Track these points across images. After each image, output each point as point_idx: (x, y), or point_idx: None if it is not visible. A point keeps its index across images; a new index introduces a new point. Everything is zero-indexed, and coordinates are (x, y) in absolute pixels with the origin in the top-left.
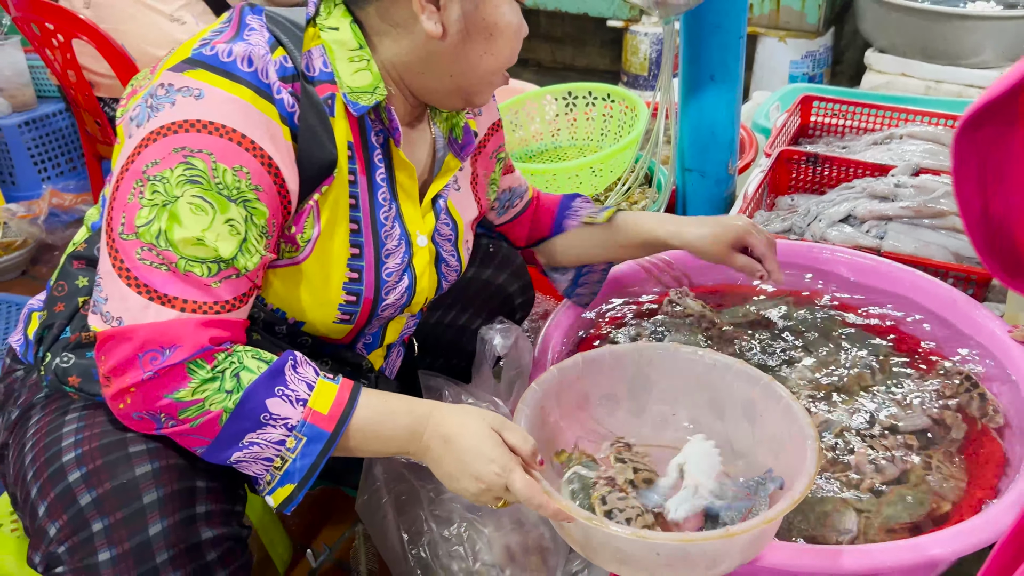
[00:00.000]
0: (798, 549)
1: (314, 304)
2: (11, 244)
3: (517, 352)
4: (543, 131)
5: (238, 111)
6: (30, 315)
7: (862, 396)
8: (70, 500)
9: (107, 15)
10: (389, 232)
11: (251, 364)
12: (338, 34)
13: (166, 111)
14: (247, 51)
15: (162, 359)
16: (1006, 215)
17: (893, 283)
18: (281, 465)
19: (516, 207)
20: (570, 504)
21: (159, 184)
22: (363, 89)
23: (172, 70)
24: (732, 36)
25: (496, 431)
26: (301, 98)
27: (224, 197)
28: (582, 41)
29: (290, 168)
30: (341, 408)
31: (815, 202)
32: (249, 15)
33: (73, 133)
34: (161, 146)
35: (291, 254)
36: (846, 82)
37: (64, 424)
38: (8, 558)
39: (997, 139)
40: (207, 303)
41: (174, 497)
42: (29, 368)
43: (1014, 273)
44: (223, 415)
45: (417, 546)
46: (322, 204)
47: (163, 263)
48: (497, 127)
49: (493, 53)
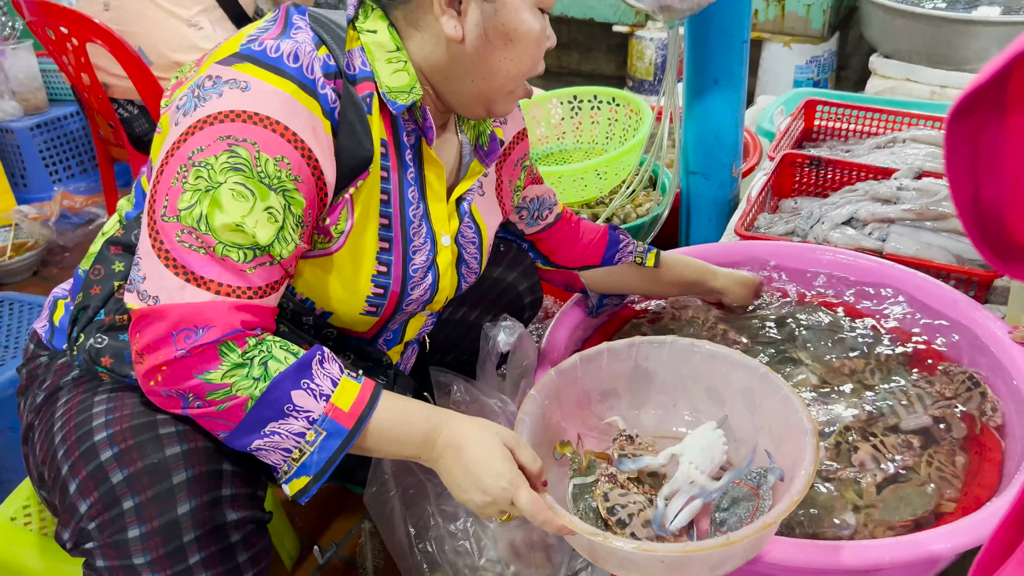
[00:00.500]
0: (799, 545)
1: (343, 295)
2: (23, 245)
3: (522, 349)
4: (549, 134)
5: (283, 104)
6: (55, 302)
7: (864, 395)
8: (102, 478)
9: (127, 18)
10: (417, 229)
11: (279, 354)
12: (376, 36)
13: (213, 101)
14: (294, 48)
15: (195, 338)
16: (997, 200)
17: (896, 285)
18: (299, 457)
19: (546, 219)
20: (574, 519)
21: (203, 170)
22: (401, 89)
23: (220, 63)
24: (736, 41)
25: (509, 447)
26: (343, 95)
27: (265, 185)
28: (588, 46)
29: (328, 161)
30: (362, 407)
31: (818, 205)
32: (295, 14)
33: (85, 136)
34: (207, 134)
35: (324, 245)
36: (851, 87)
37: (94, 405)
38: (27, 551)
39: (988, 125)
40: (241, 287)
41: (202, 478)
42: (53, 354)
43: (1005, 257)
44: (249, 401)
45: (424, 540)
46: (356, 198)
47: (202, 246)
48: (522, 136)
49: (513, 59)
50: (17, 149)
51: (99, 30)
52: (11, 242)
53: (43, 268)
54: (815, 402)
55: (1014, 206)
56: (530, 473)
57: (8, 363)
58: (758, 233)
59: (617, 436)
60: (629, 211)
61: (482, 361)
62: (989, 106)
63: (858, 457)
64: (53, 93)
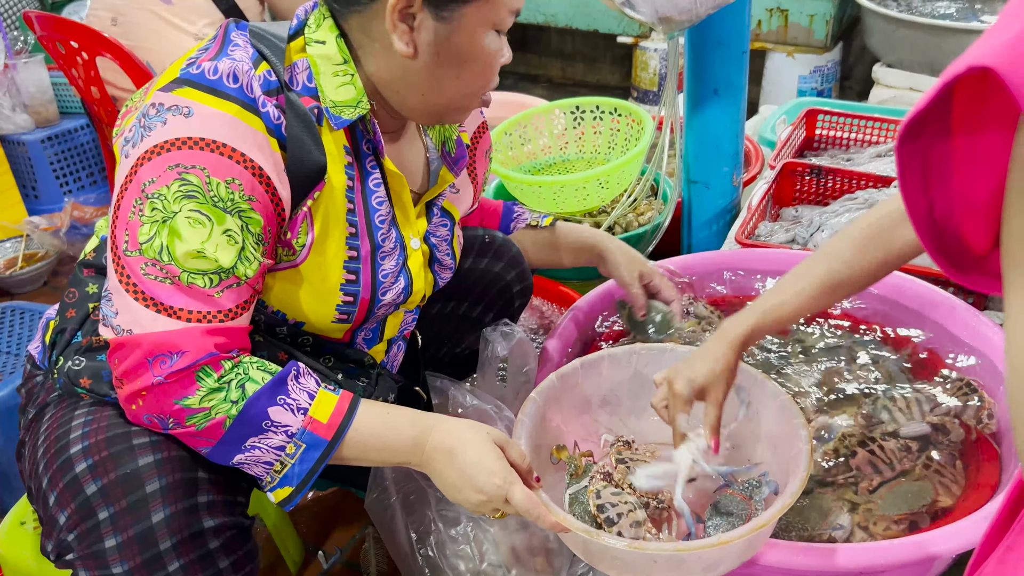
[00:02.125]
0: (793, 547)
1: (313, 305)
2: (33, 256)
3: (521, 354)
4: (551, 144)
5: (226, 126)
6: (47, 323)
7: (863, 402)
8: (77, 489)
9: (134, 33)
10: (386, 235)
11: (256, 375)
12: (324, 48)
13: (158, 130)
14: (231, 67)
15: (170, 363)
16: (949, 214)
17: (894, 291)
18: (280, 469)
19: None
20: (567, 517)
21: (157, 201)
22: (346, 103)
23: (162, 90)
24: (735, 51)
25: (498, 445)
26: (286, 110)
27: (220, 209)
28: (593, 57)
29: (280, 177)
30: (340, 417)
31: (818, 213)
32: (233, 31)
33: (95, 148)
34: (156, 164)
35: (289, 258)
36: (854, 96)
37: (73, 419)
38: (37, 555)
39: (935, 146)
40: (211, 312)
41: (176, 486)
42: (47, 373)
43: (960, 267)
44: (227, 420)
45: (425, 545)
46: (315, 210)
47: (167, 277)
48: (484, 128)
49: (464, 79)
50: (28, 161)
51: (109, 44)
52: (22, 252)
53: (53, 278)
54: (813, 409)
55: (964, 220)
56: (521, 470)
57: (19, 371)
58: (759, 241)
59: (615, 441)
60: (631, 220)
61: (482, 366)
62: (935, 127)
63: (856, 462)
64: (63, 106)
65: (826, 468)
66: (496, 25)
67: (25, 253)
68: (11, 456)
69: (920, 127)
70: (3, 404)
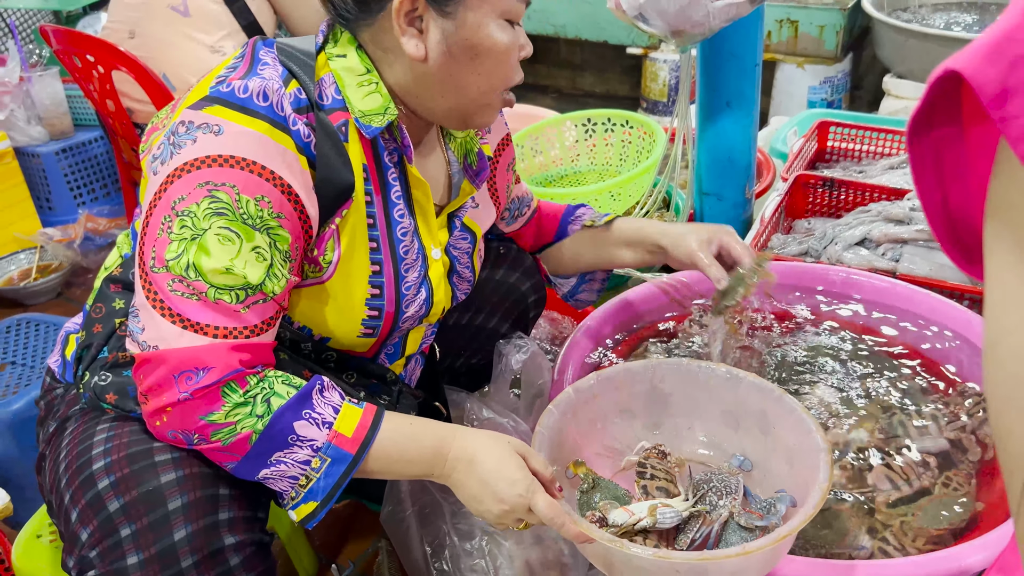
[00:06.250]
0: (813, 564)
1: (339, 320)
2: (48, 267)
3: (535, 368)
4: (563, 156)
5: (256, 144)
6: (67, 337)
7: (879, 416)
8: (100, 506)
9: (151, 45)
10: (408, 247)
11: (281, 390)
12: (346, 61)
13: (188, 148)
14: (262, 86)
15: (196, 380)
16: (966, 206)
17: (910, 305)
18: (306, 483)
19: (524, 215)
20: (591, 527)
21: (187, 219)
22: (374, 111)
23: (192, 108)
24: (748, 64)
25: (520, 455)
26: (316, 128)
27: (249, 226)
28: (602, 68)
29: (309, 195)
30: (365, 431)
31: (831, 225)
32: (261, 49)
33: (109, 160)
34: (186, 182)
35: (315, 275)
36: (865, 107)
37: (95, 434)
38: (52, 568)
39: (948, 137)
40: (237, 328)
41: (198, 504)
42: (67, 386)
43: (974, 261)
44: (253, 435)
45: (440, 559)
46: (342, 227)
47: (194, 293)
48: (507, 141)
49: (481, 73)
50: (43, 173)
51: (124, 58)
52: (36, 264)
53: (67, 289)
54: (830, 423)
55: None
56: (543, 479)
57: (34, 383)
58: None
59: (650, 447)
60: None
61: (495, 379)
62: (945, 121)
63: (873, 476)
64: (78, 118)
65: (841, 483)
66: (504, 14)
67: (39, 264)
68: (26, 468)
69: (928, 123)
70: (18, 416)
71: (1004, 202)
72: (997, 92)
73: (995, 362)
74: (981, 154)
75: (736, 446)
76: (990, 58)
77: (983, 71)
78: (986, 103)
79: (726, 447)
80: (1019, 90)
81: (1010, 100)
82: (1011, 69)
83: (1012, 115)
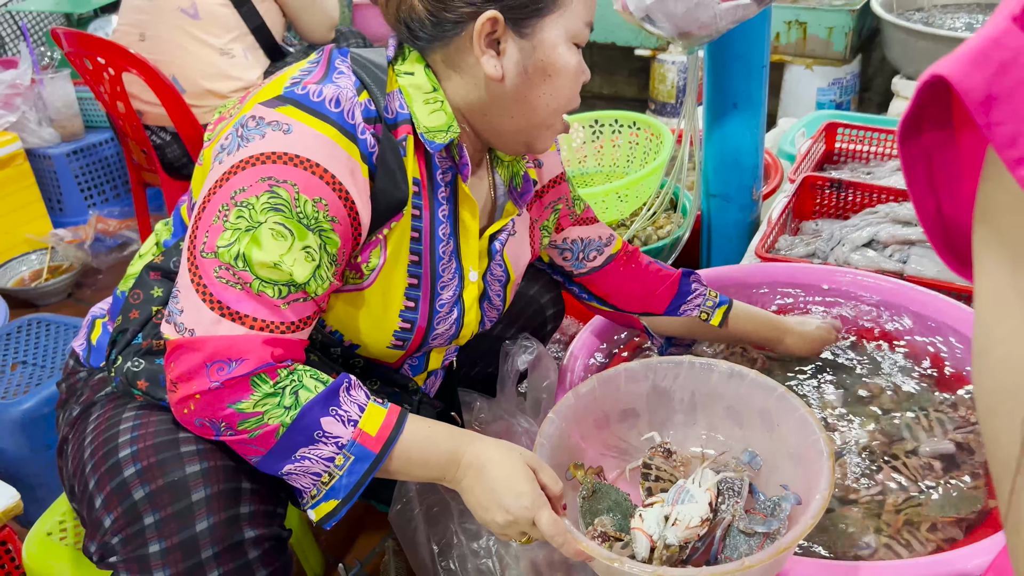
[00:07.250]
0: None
1: (372, 329)
2: (58, 268)
3: (542, 369)
4: (570, 158)
5: (323, 147)
6: (93, 321)
7: (885, 418)
8: (125, 494)
9: (161, 48)
10: (446, 265)
11: (309, 383)
12: (413, 79)
13: (256, 142)
14: (336, 93)
15: (228, 370)
16: (957, 211)
17: (917, 306)
18: (328, 480)
19: (594, 261)
20: (591, 544)
21: (245, 209)
22: (439, 128)
23: (264, 104)
24: (755, 66)
25: (531, 468)
26: (382, 139)
27: (303, 225)
28: (610, 70)
29: (364, 203)
30: (388, 431)
31: (839, 227)
32: (337, 58)
33: (119, 161)
34: (249, 174)
35: (356, 281)
36: (874, 108)
37: (121, 422)
38: (62, 565)
39: (939, 142)
40: (275, 322)
41: (221, 496)
42: (91, 371)
43: (966, 264)
44: (280, 429)
45: (447, 558)
46: (389, 237)
47: (238, 282)
48: (559, 180)
49: (552, 94)
50: (54, 174)
51: (135, 60)
52: (47, 264)
53: (77, 290)
54: (835, 424)
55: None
56: (552, 494)
57: (45, 383)
58: (779, 255)
59: (655, 447)
60: (650, 233)
61: (502, 380)
62: (936, 126)
63: (879, 479)
64: (89, 120)
65: (847, 484)
66: (573, 37)
67: (50, 265)
68: (37, 467)
69: (918, 128)
70: (28, 415)
71: (992, 208)
72: (983, 98)
73: (986, 371)
74: (971, 159)
75: (742, 443)
76: (976, 63)
77: (969, 76)
78: (972, 109)
79: (731, 444)
80: (1005, 96)
81: (996, 106)
82: (997, 75)
83: (998, 121)
